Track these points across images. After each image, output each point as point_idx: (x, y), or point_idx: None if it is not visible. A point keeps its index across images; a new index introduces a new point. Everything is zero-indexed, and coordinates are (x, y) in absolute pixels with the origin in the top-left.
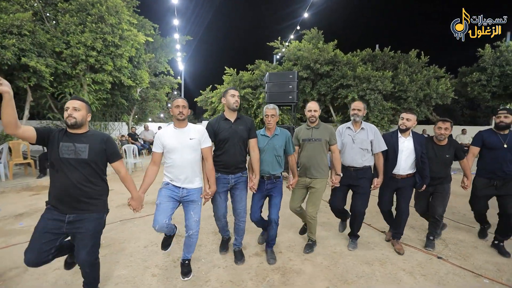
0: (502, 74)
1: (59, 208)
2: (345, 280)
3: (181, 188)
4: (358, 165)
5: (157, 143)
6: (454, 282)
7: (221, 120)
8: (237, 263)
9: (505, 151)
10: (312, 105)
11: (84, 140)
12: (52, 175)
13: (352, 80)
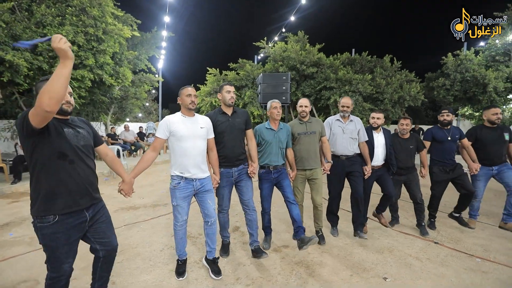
0: (462, 80)
1: (80, 205)
2: (364, 268)
3: (194, 181)
4: (349, 153)
5: (164, 129)
6: (454, 262)
7: (218, 113)
8: (259, 257)
9: (450, 142)
10: (304, 101)
11: (77, 125)
12: (62, 170)
13: (334, 83)
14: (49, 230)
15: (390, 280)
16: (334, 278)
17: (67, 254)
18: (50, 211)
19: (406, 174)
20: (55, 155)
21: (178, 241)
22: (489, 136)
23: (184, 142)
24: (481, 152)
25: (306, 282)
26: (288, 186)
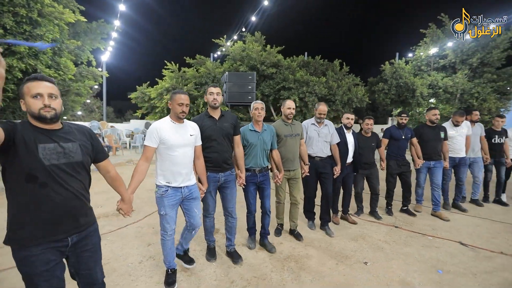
0: (397, 85)
1: (56, 235)
2: (345, 256)
3: (182, 188)
4: (323, 155)
5: (154, 136)
6: (413, 242)
7: (205, 117)
8: (237, 263)
9: (403, 141)
10: (291, 104)
11: (68, 137)
12: (31, 194)
13: (293, 84)
14: (23, 253)
15: (369, 263)
16: (323, 269)
17: (48, 283)
18: (16, 241)
19: (369, 169)
20: (23, 178)
21: (168, 252)
22: (429, 134)
23: (173, 150)
24: (422, 148)
25: (299, 276)
26: (267, 196)
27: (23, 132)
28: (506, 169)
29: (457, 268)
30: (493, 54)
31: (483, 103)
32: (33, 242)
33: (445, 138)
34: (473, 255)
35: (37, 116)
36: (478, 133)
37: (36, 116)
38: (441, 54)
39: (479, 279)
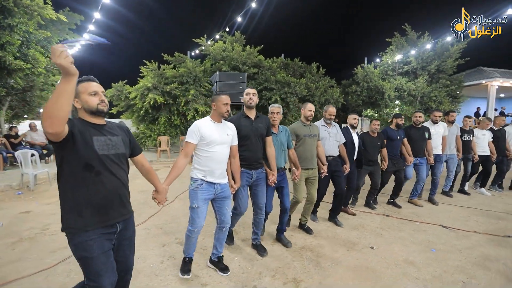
0: (368, 87)
1: (108, 220)
2: (353, 243)
3: (215, 184)
4: (334, 154)
5: (195, 133)
6: (404, 227)
7: (242, 117)
8: (263, 255)
9: (398, 141)
10: (312, 107)
11: (113, 131)
12: (88, 181)
13: (274, 84)
14: (80, 239)
15: (375, 248)
16: (337, 255)
17: (104, 266)
18: (77, 224)
19: (373, 166)
20: (80, 167)
21: (190, 245)
22: (415, 134)
23: (213, 147)
24: (410, 146)
25: (319, 263)
26: (286, 195)
27: (79, 127)
28: (472, 163)
29: (445, 246)
30: (447, 63)
31: (440, 105)
32: (90, 227)
33: (429, 137)
34: (454, 235)
35: (95, 111)
36: (454, 132)
37: (94, 110)
38: (404, 61)
39: (464, 254)
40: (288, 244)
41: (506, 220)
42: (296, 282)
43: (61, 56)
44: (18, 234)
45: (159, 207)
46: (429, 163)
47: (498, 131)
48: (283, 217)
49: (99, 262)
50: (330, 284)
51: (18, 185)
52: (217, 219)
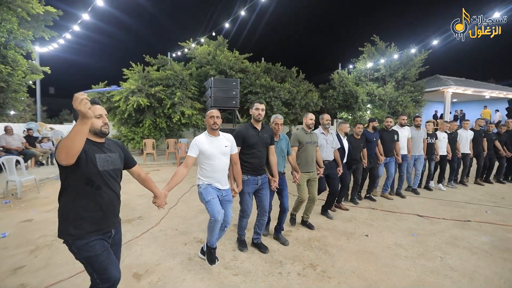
0: (344, 92)
1: (105, 229)
2: (350, 233)
3: (222, 190)
4: (330, 159)
5: (194, 148)
6: (389, 217)
7: (250, 128)
8: (265, 252)
9: (374, 142)
10: (313, 116)
11: (111, 148)
12: (89, 195)
13: (259, 88)
14: (82, 242)
15: (369, 235)
16: (340, 243)
17: (109, 260)
18: (78, 234)
19: (356, 164)
20: (83, 181)
21: (213, 235)
22: (386, 136)
23: (211, 160)
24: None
25: (327, 250)
26: (286, 196)
27: (84, 146)
28: (435, 163)
29: (423, 231)
30: (411, 71)
31: (405, 109)
32: (91, 235)
33: (397, 139)
34: (429, 222)
35: (98, 132)
36: (422, 135)
37: (98, 132)
38: (375, 68)
39: (438, 236)
40: (286, 242)
41: (465, 208)
42: (313, 267)
43: (81, 103)
44: (33, 242)
45: (159, 210)
46: (397, 162)
47: (450, 134)
48: (282, 217)
49: (104, 257)
50: (340, 266)
51: (3, 193)
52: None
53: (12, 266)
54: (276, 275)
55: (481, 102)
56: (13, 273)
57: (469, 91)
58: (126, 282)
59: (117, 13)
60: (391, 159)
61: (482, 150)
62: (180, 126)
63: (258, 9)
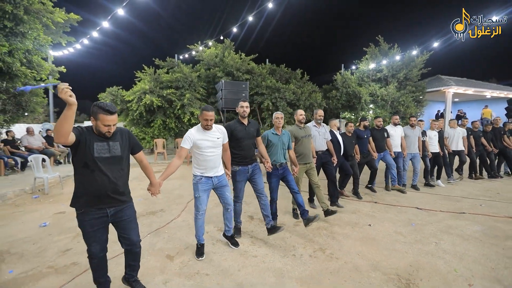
0: (346, 92)
1: (98, 205)
2: (354, 222)
3: (212, 178)
4: (323, 149)
5: (188, 140)
6: (390, 210)
7: (237, 123)
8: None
9: (366, 139)
10: (302, 112)
11: (113, 137)
12: (85, 176)
13: (265, 89)
14: (79, 218)
15: (372, 225)
16: (345, 231)
17: (91, 239)
18: (76, 205)
19: (351, 160)
20: (81, 164)
21: (198, 228)
22: (377, 134)
23: (205, 150)
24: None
25: (334, 236)
26: (292, 180)
27: (87, 135)
28: (430, 159)
29: (421, 221)
30: (413, 72)
31: (407, 109)
32: (85, 208)
33: (387, 136)
34: (426, 214)
35: (101, 135)
36: (417, 134)
37: (101, 135)
38: (377, 69)
39: (434, 225)
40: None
41: (461, 202)
42: (322, 250)
43: (61, 93)
44: (72, 230)
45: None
46: (391, 156)
47: (439, 132)
48: (298, 199)
49: (88, 236)
50: (346, 249)
51: (31, 189)
52: (222, 203)
53: (60, 249)
54: (290, 256)
55: (482, 101)
56: (63, 254)
57: (470, 91)
58: (161, 261)
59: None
60: (385, 152)
61: (470, 147)
62: (188, 126)
63: (265, 15)
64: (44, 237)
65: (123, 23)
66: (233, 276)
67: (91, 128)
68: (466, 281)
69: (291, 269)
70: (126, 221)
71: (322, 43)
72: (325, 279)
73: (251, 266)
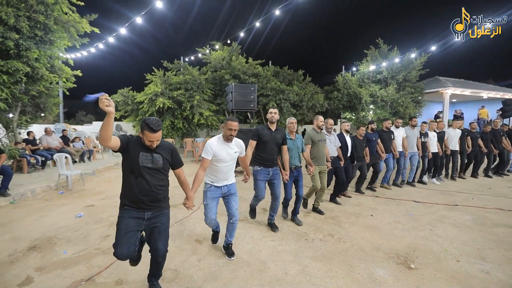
0: (348, 93)
1: (138, 207)
2: (357, 214)
3: (222, 187)
4: (334, 155)
5: (209, 151)
6: (390, 203)
7: (265, 128)
8: (275, 231)
9: (374, 141)
10: (322, 118)
11: (157, 150)
12: (130, 180)
13: (270, 91)
14: (120, 213)
15: (374, 215)
16: (350, 220)
17: (121, 238)
18: (122, 202)
19: (361, 161)
20: (128, 169)
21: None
22: (385, 136)
23: (221, 162)
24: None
25: (341, 225)
26: (301, 186)
27: (133, 143)
28: (428, 159)
29: (418, 212)
30: (412, 73)
31: (406, 109)
32: (127, 205)
33: (394, 138)
34: (423, 206)
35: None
36: (416, 134)
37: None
38: (377, 71)
39: (429, 215)
40: (300, 223)
41: (456, 196)
42: (331, 235)
43: (101, 102)
44: (106, 219)
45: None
46: (395, 157)
47: (439, 133)
48: (297, 202)
49: (119, 234)
50: (352, 235)
51: (56, 185)
52: (227, 212)
53: (101, 235)
54: (303, 241)
55: (479, 102)
56: (104, 239)
57: (467, 92)
58: (191, 245)
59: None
60: (389, 155)
61: (466, 147)
62: (196, 127)
63: (272, 22)
64: (83, 225)
65: (136, 29)
66: (256, 256)
67: (140, 138)
68: (455, 258)
69: (305, 250)
70: (159, 228)
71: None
72: (335, 257)
73: (270, 248)
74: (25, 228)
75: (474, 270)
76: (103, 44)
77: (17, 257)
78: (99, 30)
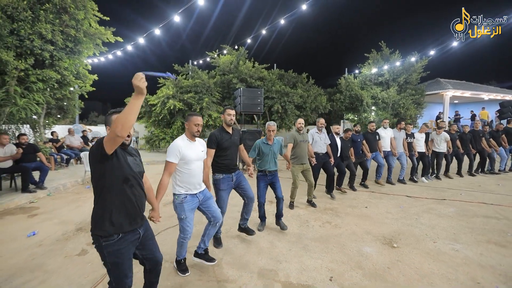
0: (350, 95)
1: (136, 224)
2: (353, 206)
3: (197, 194)
4: (323, 151)
5: (176, 154)
6: (384, 198)
7: (222, 132)
8: (252, 234)
9: (359, 142)
10: (302, 120)
11: (134, 153)
12: (125, 191)
13: (275, 94)
14: (115, 247)
15: (368, 207)
16: (347, 211)
17: (129, 268)
18: (110, 231)
19: (347, 160)
20: (121, 179)
21: (183, 250)
22: (370, 137)
23: (190, 164)
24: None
25: (339, 215)
26: (279, 188)
27: (117, 149)
28: (416, 158)
29: (408, 205)
30: (413, 76)
31: (407, 111)
32: (124, 230)
33: (379, 139)
34: (414, 200)
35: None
36: (402, 136)
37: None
38: (379, 73)
39: (418, 207)
40: (285, 227)
41: (445, 192)
42: (329, 223)
43: (141, 81)
44: None
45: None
46: (382, 156)
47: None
48: (279, 205)
49: (127, 267)
50: (347, 222)
51: (82, 180)
52: (208, 218)
53: None
54: (305, 226)
55: (480, 103)
56: None
57: (467, 93)
58: None
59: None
60: (377, 153)
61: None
62: (205, 127)
63: (277, 30)
64: None
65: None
66: (265, 237)
67: None
68: (432, 240)
69: (306, 233)
70: (151, 239)
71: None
72: (331, 239)
73: (276, 232)
74: (67, 215)
75: (447, 249)
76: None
77: (69, 236)
78: (122, 39)
